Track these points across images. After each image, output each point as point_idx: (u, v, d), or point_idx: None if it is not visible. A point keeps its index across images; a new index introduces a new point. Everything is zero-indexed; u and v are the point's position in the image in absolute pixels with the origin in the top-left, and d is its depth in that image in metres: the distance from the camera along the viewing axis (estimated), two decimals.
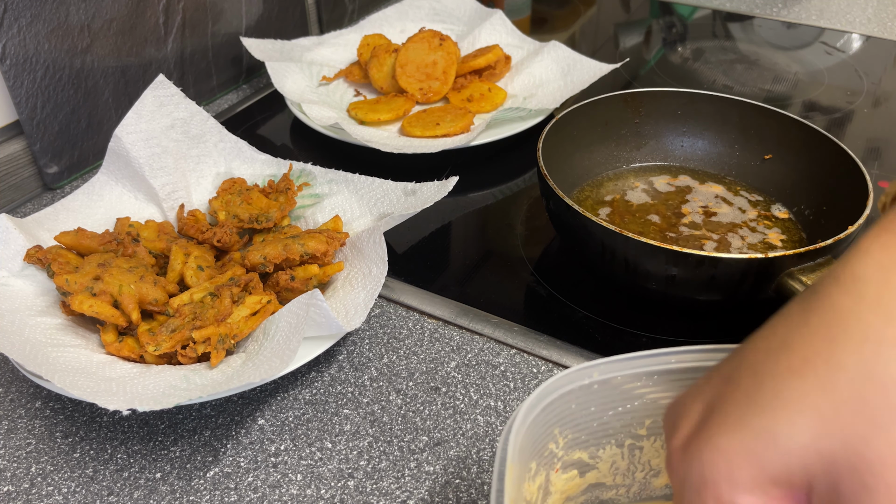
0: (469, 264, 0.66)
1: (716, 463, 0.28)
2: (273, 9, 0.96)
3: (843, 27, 1.14)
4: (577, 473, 0.39)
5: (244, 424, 0.51)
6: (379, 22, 0.99)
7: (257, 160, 0.69)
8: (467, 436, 0.50)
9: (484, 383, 0.54)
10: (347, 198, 0.65)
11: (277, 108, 0.91)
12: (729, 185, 0.69)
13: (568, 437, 0.38)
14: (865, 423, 0.26)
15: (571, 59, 0.88)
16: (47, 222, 0.60)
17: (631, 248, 0.53)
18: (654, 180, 0.70)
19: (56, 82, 0.72)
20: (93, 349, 0.52)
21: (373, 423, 0.51)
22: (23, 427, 0.51)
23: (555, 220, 0.61)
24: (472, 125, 0.80)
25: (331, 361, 0.56)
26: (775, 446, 0.27)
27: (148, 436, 0.51)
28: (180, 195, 0.65)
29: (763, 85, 0.96)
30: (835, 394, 0.26)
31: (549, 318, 0.60)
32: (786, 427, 0.27)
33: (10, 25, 0.66)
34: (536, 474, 0.36)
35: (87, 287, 0.52)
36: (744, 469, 0.27)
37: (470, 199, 0.75)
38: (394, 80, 0.87)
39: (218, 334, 0.50)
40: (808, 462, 0.26)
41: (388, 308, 0.61)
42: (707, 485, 0.28)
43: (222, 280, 0.55)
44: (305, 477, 0.48)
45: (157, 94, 0.65)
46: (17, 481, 0.48)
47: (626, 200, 0.68)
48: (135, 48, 0.79)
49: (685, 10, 1.21)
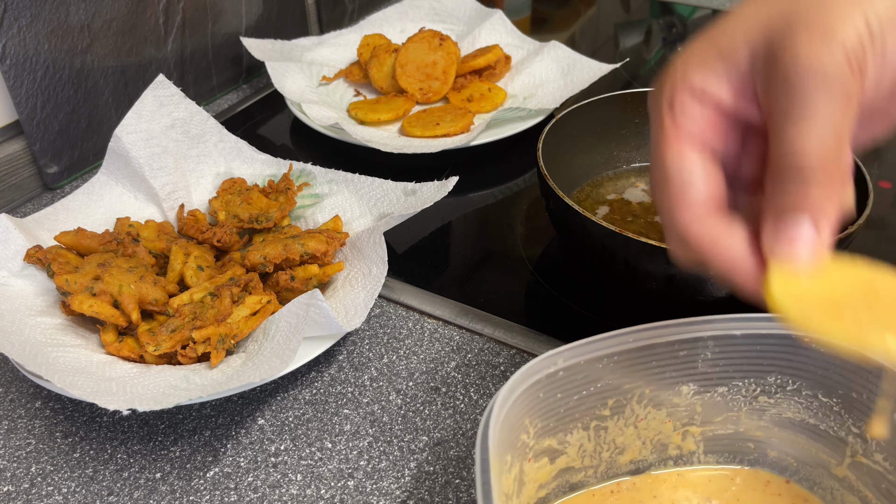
0: (469, 264, 0.66)
1: (677, 58, 0.31)
2: (273, 9, 0.96)
3: None
4: (547, 461, 0.40)
5: (244, 424, 0.51)
6: (379, 22, 0.99)
7: (257, 160, 0.69)
8: (467, 436, 0.50)
9: (484, 383, 0.54)
10: (347, 198, 0.65)
11: (277, 108, 0.91)
12: None
13: (538, 426, 0.39)
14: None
15: (571, 59, 0.88)
16: (47, 222, 0.60)
17: (631, 248, 0.53)
18: None
19: (56, 82, 0.72)
20: (93, 349, 0.52)
21: (373, 423, 0.51)
22: (23, 427, 0.51)
23: (555, 220, 0.61)
24: (472, 125, 0.80)
25: (331, 361, 0.56)
26: (725, 26, 0.30)
27: (148, 436, 0.51)
28: (180, 195, 0.65)
29: None
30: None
31: (549, 318, 0.60)
32: (737, 12, 0.30)
33: (10, 25, 0.66)
34: (511, 466, 0.37)
35: (87, 287, 0.52)
36: (696, 47, 0.30)
37: (470, 199, 0.75)
38: (394, 80, 0.87)
39: (218, 334, 0.50)
40: (749, 30, 0.29)
41: (388, 308, 0.61)
42: (666, 74, 0.31)
43: (222, 280, 0.55)
44: (305, 477, 0.48)
45: (157, 94, 0.65)
46: (17, 481, 0.48)
47: (626, 200, 0.68)
48: (135, 48, 0.79)
49: (685, 10, 1.21)
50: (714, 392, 0.42)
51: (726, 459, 0.44)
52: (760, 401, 0.42)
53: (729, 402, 0.42)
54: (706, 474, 0.44)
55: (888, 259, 0.75)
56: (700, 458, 0.44)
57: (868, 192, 0.56)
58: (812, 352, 0.39)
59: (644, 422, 0.42)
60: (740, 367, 0.41)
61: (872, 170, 0.79)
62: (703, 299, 0.55)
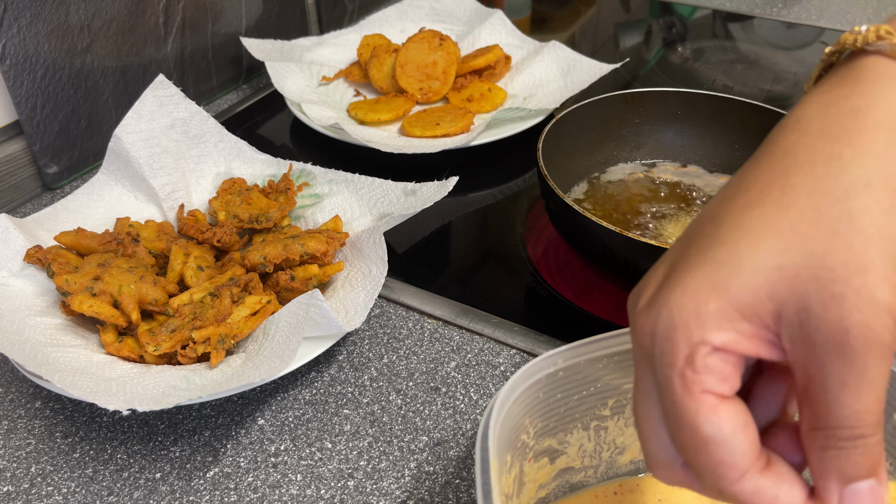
0: (469, 264, 0.66)
1: (682, 303, 0.27)
2: (273, 9, 0.96)
3: (843, 27, 1.14)
4: (547, 461, 0.40)
5: (244, 424, 0.51)
6: (379, 22, 0.99)
7: (257, 160, 0.69)
8: (467, 436, 0.50)
9: (484, 383, 0.54)
10: (347, 198, 0.65)
11: (277, 108, 0.91)
12: None
13: (538, 426, 0.38)
14: (824, 233, 0.26)
15: (571, 59, 0.88)
16: (47, 222, 0.60)
17: (631, 248, 0.53)
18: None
19: (56, 82, 0.72)
20: (93, 349, 0.52)
21: (373, 423, 0.51)
22: (23, 427, 0.51)
23: (555, 220, 0.61)
24: (472, 125, 0.80)
25: (331, 361, 0.56)
26: (739, 271, 0.27)
27: (148, 436, 0.51)
28: (180, 195, 0.65)
29: (763, 85, 0.96)
30: (792, 210, 0.26)
31: (549, 318, 0.60)
32: (747, 250, 0.27)
33: (10, 25, 0.66)
34: (511, 466, 0.37)
35: (86, 287, 0.52)
36: (711, 301, 0.27)
37: (470, 199, 0.75)
38: (394, 80, 0.87)
39: (218, 334, 0.50)
40: (773, 283, 0.26)
41: (388, 308, 0.61)
42: (676, 327, 0.27)
43: (222, 280, 0.55)
44: (305, 477, 0.48)
45: (157, 94, 0.65)
46: (17, 481, 0.48)
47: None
48: (135, 48, 0.79)
49: (685, 10, 1.21)
50: None
51: None
52: None
53: None
54: None
55: None
56: None
57: None
58: None
59: None
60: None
61: None
62: None
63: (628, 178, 0.70)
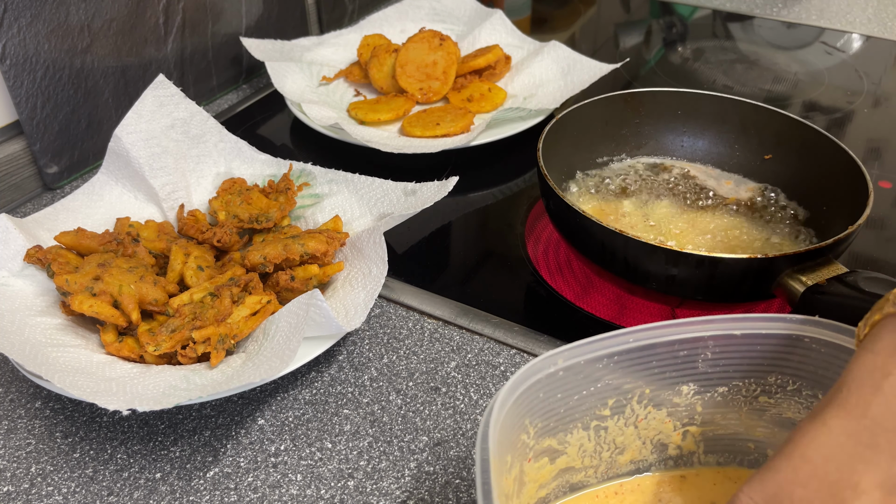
0: (469, 264, 0.66)
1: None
2: (273, 9, 0.96)
3: (843, 27, 1.14)
4: (547, 461, 0.40)
5: (244, 424, 0.51)
6: (379, 22, 0.99)
7: (257, 160, 0.69)
8: (467, 436, 0.50)
9: (484, 383, 0.54)
10: (347, 198, 0.65)
11: (277, 108, 0.91)
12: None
13: (538, 426, 0.39)
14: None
15: (571, 59, 0.88)
16: (47, 222, 0.60)
17: (631, 248, 0.53)
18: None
19: (56, 82, 0.72)
20: (93, 349, 0.52)
21: (373, 424, 0.51)
22: (23, 427, 0.51)
23: (555, 220, 0.61)
24: (472, 125, 0.80)
25: (331, 361, 0.56)
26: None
27: (148, 436, 0.51)
28: (180, 195, 0.65)
29: (763, 85, 0.96)
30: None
31: (549, 318, 0.60)
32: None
33: (10, 25, 0.66)
34: (512, 466, 0.37)
35: (87, 287, 0.52)
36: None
37: (470, 199, 0.75)
38: (394, 80, 0.87)
39: (218, 334, 0.50)
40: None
41: (388, 308, 0.61)
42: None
43: (222, 280, 0.55)
44: (305, 477, 0.48)
45: (157, 94, 0.65)
46: (17, 481, 0.48)
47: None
48: (135, 48, 0.79)
49: (685, 10, 1.21)
50: (714, 392, 0.42)
51: (726, 459, 0.44)
52: (760, 401, 0.42)
53: (729, 402, 0.42)
54: (709, 476, 0.44)
55: (888, 259, 0.75)
56: (700, 458, 0.44)
57: (868, 192, 0.56)
58: (812, 352, 0.39)
59: (644, 422, 0.42)
60: (740, 367, 0.41)
61: (872, 170, 0.79)
62: (703, 300, 0.55)
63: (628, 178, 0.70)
